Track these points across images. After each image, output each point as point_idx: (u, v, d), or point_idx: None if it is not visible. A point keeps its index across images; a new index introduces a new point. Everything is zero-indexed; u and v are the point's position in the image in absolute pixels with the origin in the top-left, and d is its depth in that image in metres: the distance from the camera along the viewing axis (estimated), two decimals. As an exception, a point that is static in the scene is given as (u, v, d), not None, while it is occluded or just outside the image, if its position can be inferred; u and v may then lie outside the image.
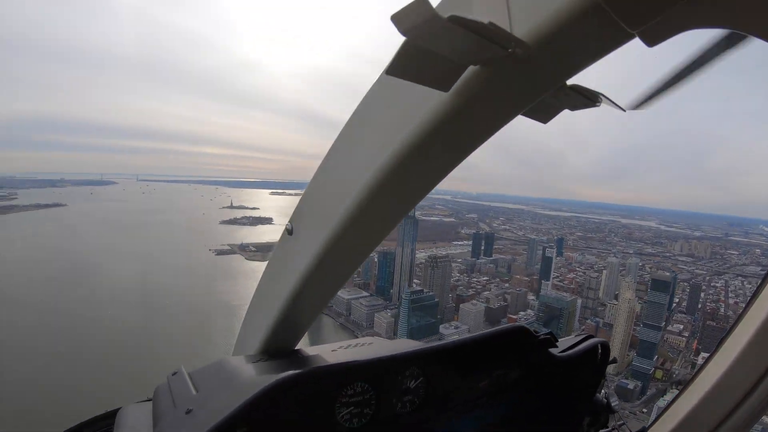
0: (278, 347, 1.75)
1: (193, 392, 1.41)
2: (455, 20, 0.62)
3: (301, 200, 1.42)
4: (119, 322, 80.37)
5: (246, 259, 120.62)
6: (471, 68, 0.76)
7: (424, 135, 0.94)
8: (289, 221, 1.47)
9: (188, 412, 1.26)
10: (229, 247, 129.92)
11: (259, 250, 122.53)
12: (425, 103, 0.90)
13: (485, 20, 0.64)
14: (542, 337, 1.66)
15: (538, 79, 0.81)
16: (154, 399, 1.57)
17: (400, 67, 0.69)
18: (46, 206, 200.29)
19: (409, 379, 1.33)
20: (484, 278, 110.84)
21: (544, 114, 0.95)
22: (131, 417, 1.59)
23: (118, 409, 1.70)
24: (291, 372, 1.17)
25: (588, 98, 0.90)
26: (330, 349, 1.84)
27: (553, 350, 1.70)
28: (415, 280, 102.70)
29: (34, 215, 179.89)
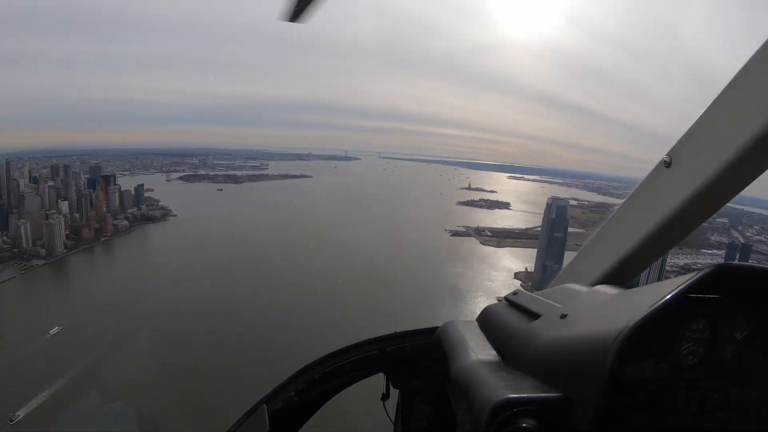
0: (612, 281, 1.69)
1: (557, 304, 1.41)
2: None
3: (686, 134, 1.38)
4: (346, 290, 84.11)
5: (480, 243, 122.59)
6: None
7: None
8: (667, 154, 1.44)
9: (563, 316, 1.27)
10: (464, 229, 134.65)
11: (495, 236, 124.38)
12: None
13: None
14: None
15: None
16: (486, 315, 1.64)
17: None
18: (293, 177, 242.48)
19: (736, 331, 1.21)
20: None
21: None
22: (457, 329, 1.65)
23: (436, 327, 1.82)
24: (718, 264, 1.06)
25: None
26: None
27: None
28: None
29: (281, 183, 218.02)
